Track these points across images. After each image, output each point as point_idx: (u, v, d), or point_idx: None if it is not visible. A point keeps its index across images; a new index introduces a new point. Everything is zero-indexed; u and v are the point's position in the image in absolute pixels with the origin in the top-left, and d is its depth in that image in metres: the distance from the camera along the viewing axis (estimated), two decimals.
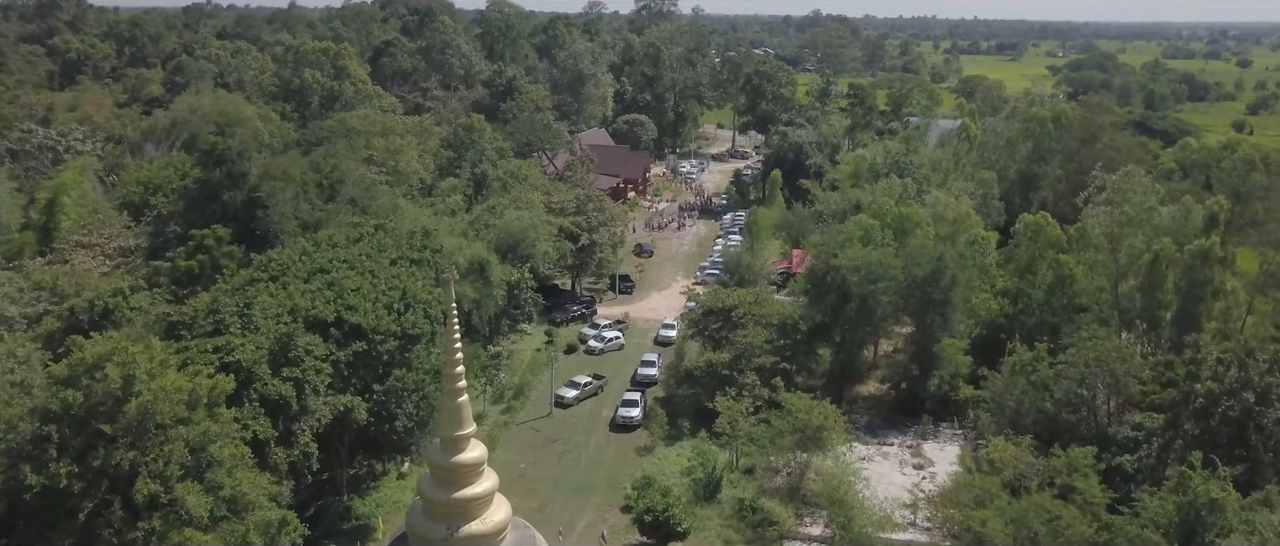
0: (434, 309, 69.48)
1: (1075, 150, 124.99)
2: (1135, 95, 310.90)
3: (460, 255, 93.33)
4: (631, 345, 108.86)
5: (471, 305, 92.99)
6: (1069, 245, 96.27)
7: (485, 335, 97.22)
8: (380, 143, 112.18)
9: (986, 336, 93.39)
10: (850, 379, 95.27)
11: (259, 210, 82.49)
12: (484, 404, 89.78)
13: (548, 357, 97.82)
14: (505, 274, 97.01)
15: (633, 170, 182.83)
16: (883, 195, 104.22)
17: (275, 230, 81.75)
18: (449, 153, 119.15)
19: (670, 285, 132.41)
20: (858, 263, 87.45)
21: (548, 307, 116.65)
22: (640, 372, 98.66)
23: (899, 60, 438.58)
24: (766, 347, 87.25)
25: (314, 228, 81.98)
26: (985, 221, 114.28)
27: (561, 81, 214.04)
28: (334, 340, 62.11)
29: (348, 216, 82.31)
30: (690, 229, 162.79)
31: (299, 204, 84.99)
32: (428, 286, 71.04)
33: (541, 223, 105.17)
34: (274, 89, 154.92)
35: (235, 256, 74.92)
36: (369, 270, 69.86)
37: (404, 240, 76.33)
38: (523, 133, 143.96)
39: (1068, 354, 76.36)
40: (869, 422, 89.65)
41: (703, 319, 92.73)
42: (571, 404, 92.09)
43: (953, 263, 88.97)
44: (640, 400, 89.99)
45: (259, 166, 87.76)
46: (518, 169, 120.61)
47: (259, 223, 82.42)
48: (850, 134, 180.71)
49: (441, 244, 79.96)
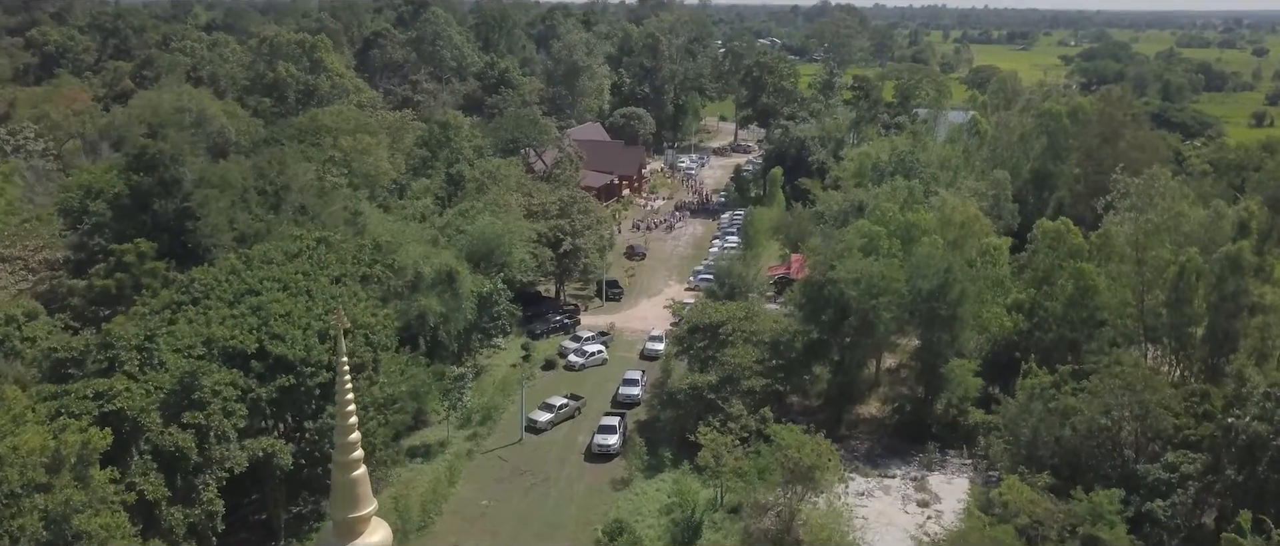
0: (379, 333, 61.85)
1: (1094, 147, 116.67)
2: (1151, 85, 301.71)
3: (427, 264, 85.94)
4: (616, 359, 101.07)
5: (438, 320, 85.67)
6: (1090, 254, 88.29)
7: (454, 351, 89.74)
8: (347, 141, 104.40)
9: (999, 353, 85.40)
10: (849, 399, 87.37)
11: (189, 221, 74.74)
12: (448, 429, 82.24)
13: (521, 376, 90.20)
14: (476, 284, 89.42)
15: (627, 166, 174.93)
16: (887, 199, 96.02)
17: (207, 244, 74.02)
18: (423, 152, 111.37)
19: (662, 291, 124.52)
20: (857, 274, 79.53)
21: (527, 317, 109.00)
22: (622, 392, 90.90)
23: (908, 50, 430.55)
24: (757, 368, 79.43)
25: (254, 240, 74.27)
26: (998, 225, 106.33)
27: (556, 73, 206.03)
28: (256, 374, 54.35)
29: (290, 228, 74.43)
30: (684, 229, 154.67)
31: (236, 214, 77.17)
32: (374, 307, 63.32)
33: (518, 228, 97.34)
34: (247, 83, 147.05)
35: (159, 274, 67.20)
36: (305, 291, 62.31)
37: (350, 254, 68.63)
38: (508, 128, 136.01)
39: (1091, 381, 68.38)
40: (870, 450, 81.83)
41: (688, 336, 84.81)
42: (545, 428, 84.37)
43: (961, 275, 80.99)
44: (619, 425, 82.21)
45: (195, 171, 79.91)
46: (497, 169, 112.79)
47: (191, 235, 74.70)
48: (855, 128, 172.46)
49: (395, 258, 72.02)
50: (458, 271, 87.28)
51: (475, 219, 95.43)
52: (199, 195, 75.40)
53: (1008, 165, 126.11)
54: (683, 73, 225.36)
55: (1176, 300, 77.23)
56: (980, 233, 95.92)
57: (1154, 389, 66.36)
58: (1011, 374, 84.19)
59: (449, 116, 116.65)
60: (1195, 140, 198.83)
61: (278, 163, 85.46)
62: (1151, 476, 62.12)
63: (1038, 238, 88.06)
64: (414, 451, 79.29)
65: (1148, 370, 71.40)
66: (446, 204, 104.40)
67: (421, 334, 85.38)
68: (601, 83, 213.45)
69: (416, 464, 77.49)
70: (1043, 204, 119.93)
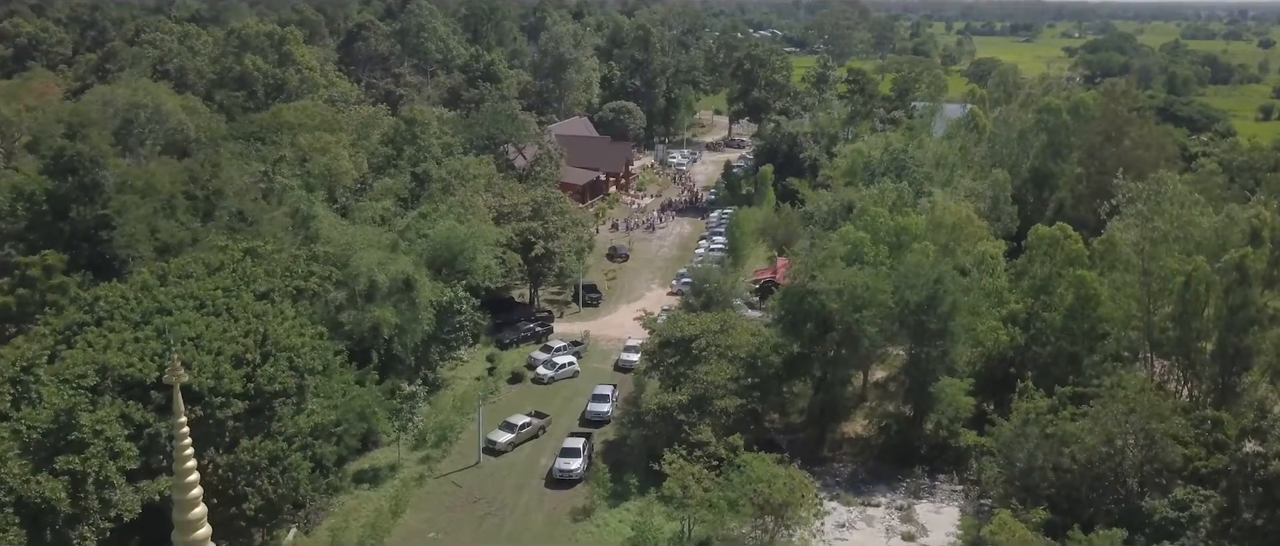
0: (306, 356, 55.95)
1: (1097, 146, 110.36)
2: (1156, 78, 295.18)
3: (382, 272, 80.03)
4: (589, 371, 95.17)
5: (393, 332, 79.77)
6: (1092, 261, 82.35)
7: (411, 365, 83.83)
8: (306, 139, 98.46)
9: (993, 367, 79.42)
10: (833, 417, 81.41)
11: (104, 231, 68.72)
12: (399, 451, 76.38)
13: (480, 392, 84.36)
14: (435, 293, 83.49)
15: (614, 162, 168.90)
16: (874, 203, 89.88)
17: (124, 256, 67.97)
18: (387, 149, 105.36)
19: (644, 295, 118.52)
20: (840, 285, 73.49)
21: (497, 325, 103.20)
22: (590, 409, 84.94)
23: (910, 42, 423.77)
24: (731, 387, 73.46)
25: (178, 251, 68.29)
26: (995, 227, 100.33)
27: (542, 66, 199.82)
28: (156, 406, 48.46)
29: (218, 238, 68.23)
30: (671, 228, 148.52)
31: (159, 222, 71.09)
32: (302, 327, 57.39)
33: (482, 231, 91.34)
34: (214, 77, 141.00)
35: (67, 290, 61.20)
36: (226, 308, 56.30)
37: (282, 267, 62.62)
38: (484, 124, 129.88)
39: (1092, 407, 62.38)
40: (853, 474, 75.92)
41: (658, 351, 78.80)
42: (505, 450, 78.48)
43: (953, 285, 74.97)
44: (583, 448, 76.23)
45: (117, 176, 73.80)
46: (466, 167, 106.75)
47: (107, 246, 68.66)
48: (849, 123, 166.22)
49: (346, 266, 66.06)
50: (416, 279, 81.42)
51: (436, 222, 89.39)
52: (117, 202, 69.40)
53: (1007, 163, 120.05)
54: (675, 65, 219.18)
55: (1184, 313, 71.27)
56: (975, 236, 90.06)
57: (1161, 415, 60.34)
58: (1007, 389, 78.33)
59: (416, 112, 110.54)
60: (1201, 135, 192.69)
61: (211, 165, 79.34)
62: (1158, 514, 56.14)
63: (1033, 244, 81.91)
64: (362, 475, 73.59)
65: (1154, 391, 65.34)
66: (410, 205, 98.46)
67: (375, 347, 79.56)
68: (589, 76, 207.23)
69: (363, 490, 71.79)
70: (1043, 204, 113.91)
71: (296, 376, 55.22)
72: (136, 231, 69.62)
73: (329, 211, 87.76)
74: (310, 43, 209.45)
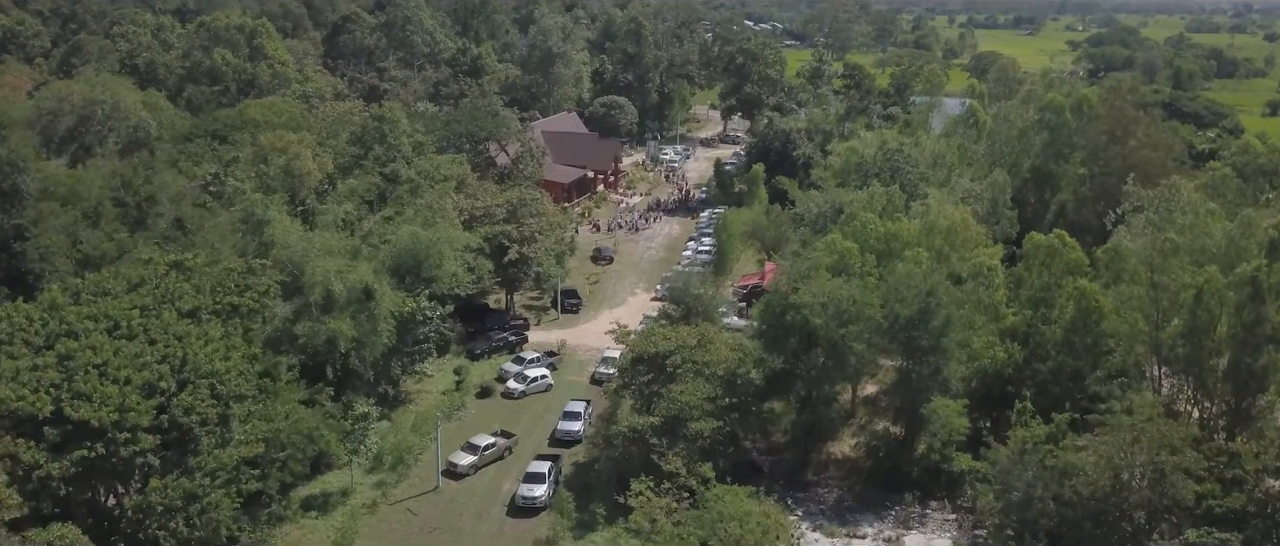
0: (232, 382, 50.78)
1: (1102, 145, 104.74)
2: (1161, 72, 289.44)
3: (339, 281, 74.90)
4: (563, 384, 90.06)
5: (350, 346, 74.67)
6: (1095, 270, 77.11)
7: (370, 381, 78.67)
8: (267, 138, 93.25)
9: (990, 384, 74.14)
10: (819, 436, 76.20)
11: (19, 242, 63.43)
12: (352, 475, 71.24)
13: (443, 409, 79.33)
14: (396, 303, 78.32)
15: (602, 159, 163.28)
16: (864, 208, 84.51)
17: (40, 269, 62.67)
18: (354, 149, 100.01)
19: (626, 301, 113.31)
20: (825, 298, 68.24)
21: (470, 333, 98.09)
22: (560, 428, 79.68)
23: (911, 36, 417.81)
24: (707, 408, 68.23)
25: (102, 264, 63.01)
26: (994, 230, 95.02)
27: (531, 60, 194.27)
28: (49, 444, 43.30)
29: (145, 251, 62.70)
30: (658, 228, 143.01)
31: (82, 232, 65.76)
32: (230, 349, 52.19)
33: (449, 236, 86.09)
34: (183, 72, 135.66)
35: None
36: (143, 330, 51.05)
37: (212, 282, 57.40)
38: (463, 121, 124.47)
39: (1096, 438, 57.14)
40: (838, 501, 70.85)
41: (630, 368, 73.47)
42: (467, 473, 73.35)
43: (946, 298, 69.74)
44: (550, 472, 71.02)
45: (40, 181, 68.49)
46: (437, 168, 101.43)
47: (21, 258, 63.36)
48: (845, 120, 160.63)
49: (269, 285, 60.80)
50: (375, 288, 76.26)
51: (400, 227, 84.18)
52: (34, 210, 64.11)
53: (1007, 162, 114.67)
54: (669, 59, 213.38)
55: (1195, 329, 65.93)
56: (972, 242, 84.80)
57: (1171, 446, 55.10)
58: (1004, 406, 73.45)
59: (385, 109, 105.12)
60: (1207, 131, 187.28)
61: (145, 169, 73.96)
62: None
63: (1029, 253, 76.46)
64: (311, 502, 68.53)
65: (1163, 417, 59.97)
66: (377, 208, 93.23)
67: (330, 362, 74.38)
68: (579, 70, 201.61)
69: (310, 519, 66.73)
70: (1044, 206, 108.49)
71: (219, 405, 50.08)
72: (54, 243, 64.26)
73: (285, 216, 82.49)
74: (294, 36, 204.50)
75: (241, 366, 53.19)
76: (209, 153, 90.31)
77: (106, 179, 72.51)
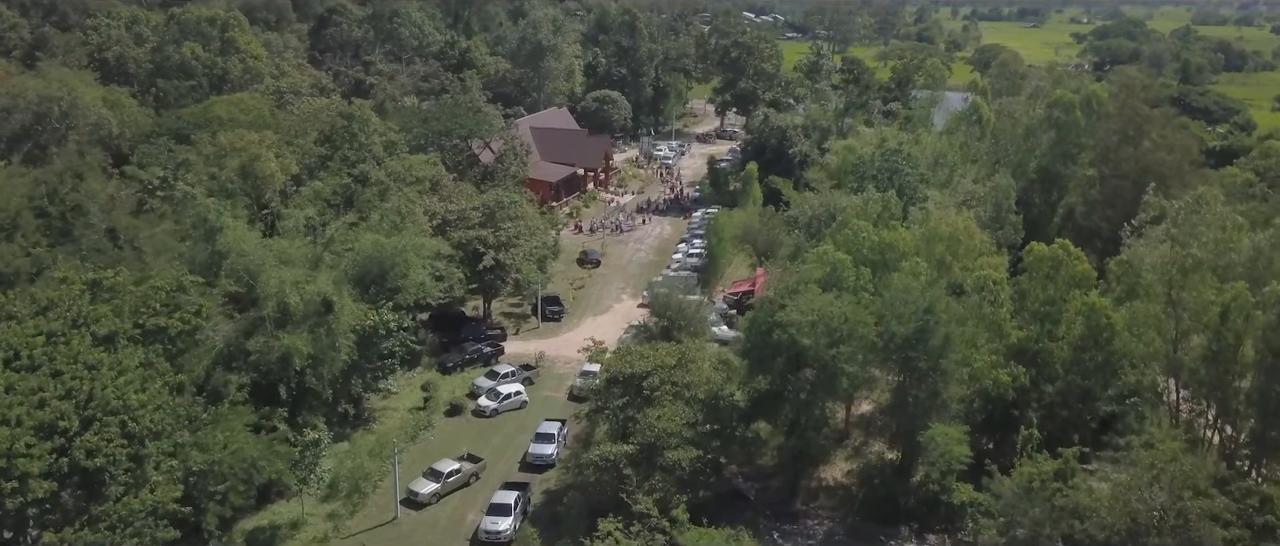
0: (147, 418, 45.37)
1: (1113, 146, 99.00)
2: (1168, 65, 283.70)
3: (295, 293, 69.43)
4: (539, 400, 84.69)
5: (306, 363, 69.17)
6: (1106, 282, 71.69)
7: (328, 400, 73.19)
8: (226, 138, 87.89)
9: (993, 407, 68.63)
10: (809, 461, 70.84)
11: None
12: (303, 505, 65.90)
13: (402, 432, 73.98)
14: (357, 317, 72.87)
15: (592, 157, 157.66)
16: (858, 215, 78.92)
17: None
18: (322, 149, 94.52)
19: (611, 308, 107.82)
20: (814, 317, 62.72)
21: (444, 344, 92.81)
22: (532, 452, 74.24)
23: (914, 28, 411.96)
24: (686, 435, 62.82)
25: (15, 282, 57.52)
26: (998, 235, 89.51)
27: (520, 53, 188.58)
28: None
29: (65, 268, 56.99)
30: (649, 229, 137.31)
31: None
32: (145, 380, 46.76)
33: (418, 243, 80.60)
34: (152, 67, 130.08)
35: None
36: (47, 360, 45.58)
37: (133, 302, 51.95)
38: (443, 118, 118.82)
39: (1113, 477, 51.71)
40: (829, 534, 65.62)
41: (605, 390, 67.90)
42: (428, 502, 68.01)
43: (946, 316, 64.24)
44: (517, 503, 65.67)
45: None
46: (409, 168, 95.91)
47: None
48: (844, 115, 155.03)
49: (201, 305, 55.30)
50: (335, 300, 70.80)
51: (362, 234, 78.69)
52: None
53: (1012, 161, 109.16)
54: (664, 52, 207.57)
55: (1219, 350, 60.45)
56: (975, 250, 79.33)
57: (1196, 487, 49.62)
58: (1008, 429, 68.16)
59: (355, 106, 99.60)
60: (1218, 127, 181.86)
61: (72, 176, 68.38)
62: None
63: (1031, 265, 70.79)
64: (257, 536, 63.36)
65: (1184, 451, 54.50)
66: (342, 212, 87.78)
67: (284, 380, 68.91)
68: (571, 63, 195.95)
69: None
70: (1051, 210, 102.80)
71: (131, 445, 44.65)
72: None
73: (240, 223, 77.14)
74: (278, 29, 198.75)
75: (160, 399, 47.75)
76: (163, 154, 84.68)
77: (30, 186, 67.08)
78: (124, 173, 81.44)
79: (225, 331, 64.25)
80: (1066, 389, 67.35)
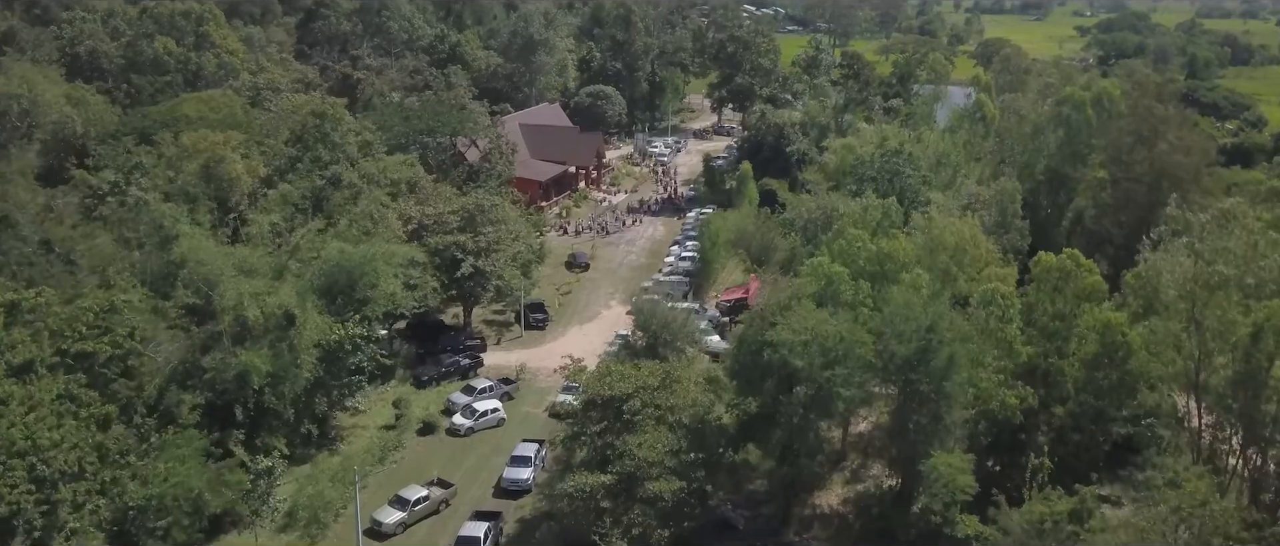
0: (61, 458, 40.66)
1: (1126, 148, 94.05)
2: (1174, 59, 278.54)
3: (254, 306, 64.85)
4: (518, 417, 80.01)
5: (265, 382, 64.53)
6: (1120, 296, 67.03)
7: (289, 420, 68.47)
8: (189, 138, 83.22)
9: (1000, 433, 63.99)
10: (803, 487, 66.14)
11: None
12: (258, 536, 61.24)
13: (377, 451, 69.28)
14: (321, 331, 68.24)
15: (584, 154, 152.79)
16: (855, 223, 74.10)
17: None
18: (292, 150, 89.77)
19: (599, 315, 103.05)
20: (807, 336, 57.97)
21: (420, 356, 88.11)
22: (507, 476, 69.51)
23: (916, 21, 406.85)
24: (669, 464, 58.08)
25: None
26: (1004, 242, 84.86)
27: (511, 48, 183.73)
28: None
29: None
30: (641, 230, 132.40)
31: None
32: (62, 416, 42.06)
33: (388, 250, 75.89)
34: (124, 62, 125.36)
35: None
36: None
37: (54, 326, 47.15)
38: (425, 116, 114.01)
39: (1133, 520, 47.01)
40: None
41: (582, 414, 63.03)
42: (393, 533, 63.37)
43: (950, 334, 59.46)
44: (488, 534, 61.08)
45: None
46: (384, 170, 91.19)
47: None
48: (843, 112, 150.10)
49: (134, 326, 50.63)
50: (297, 314, 66.20)
51: (330, 241, 74.00)
52: None
53: (1018, 162, 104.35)
54: (660, 46, 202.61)
55: (1245, 376, 55.70)
56: (981, 260, 74.68)
57: (1225, 532, 44.88)
58: (1016, 453, 63.58)
59: (327, 104, 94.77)
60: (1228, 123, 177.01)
61: None
62: None
63: (1039, 277, 66.05)
64: None
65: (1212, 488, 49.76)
66: (311, 216, 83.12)
67: (241, 400, 64.23)
68: (564, 58, 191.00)
69: None
70: (1059, 214, 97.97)
71: (40, 489, 39.97)
72: None
73: (199, 229, 72.57)
74: (262, 23, 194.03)
75: (79, 436, 43.12)
76: (120, 155, 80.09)
77: None
78: (72, 178, 76.80)
79: (177, 348, 59.61)
80: (1078, 410, 62.88)
